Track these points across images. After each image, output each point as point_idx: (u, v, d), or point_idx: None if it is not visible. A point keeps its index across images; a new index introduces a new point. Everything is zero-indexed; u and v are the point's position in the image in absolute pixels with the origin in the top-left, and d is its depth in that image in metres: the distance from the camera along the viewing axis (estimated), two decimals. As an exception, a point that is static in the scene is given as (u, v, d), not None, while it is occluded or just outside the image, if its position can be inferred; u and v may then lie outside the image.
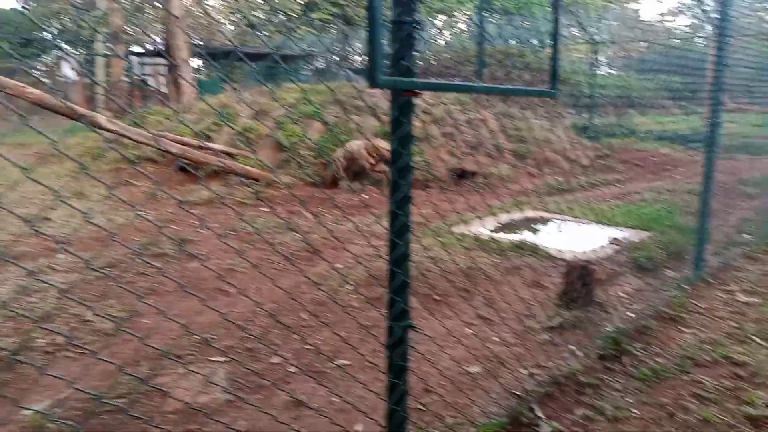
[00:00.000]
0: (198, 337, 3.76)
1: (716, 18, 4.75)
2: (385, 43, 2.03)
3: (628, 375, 3.40)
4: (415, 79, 1.89)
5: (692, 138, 5.10)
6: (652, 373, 3.37)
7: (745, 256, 5.64)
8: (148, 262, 2.12)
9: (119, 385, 3.21)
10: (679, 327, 4.07)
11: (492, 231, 6.19)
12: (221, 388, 3.19)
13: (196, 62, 24.75)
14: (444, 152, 10.21)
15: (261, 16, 33.07)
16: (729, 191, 5.88)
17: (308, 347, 3.72)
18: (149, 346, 2.10)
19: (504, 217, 6.76)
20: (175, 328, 3.96)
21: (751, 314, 4.22)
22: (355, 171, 9.04)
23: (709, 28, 4.89)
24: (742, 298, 4.58)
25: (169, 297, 4.49)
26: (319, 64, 31.86)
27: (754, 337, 3.82)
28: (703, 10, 4.97)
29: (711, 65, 4.96)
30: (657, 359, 3.59)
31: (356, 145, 8.91)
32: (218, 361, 3.55)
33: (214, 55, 22.44)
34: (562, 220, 6.71)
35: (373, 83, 1.61)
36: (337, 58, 28.27)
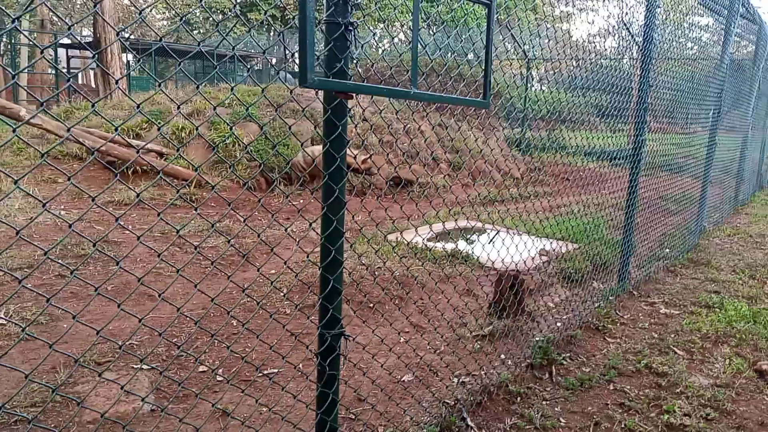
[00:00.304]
0: (121, 344, 3.58)
1: (641, 41, 4.96)
2: (322, 45, 2.00)
3: (555, 384, 3.46)
4: (347, 81, 1.85)
5: (618, 155, 5.29)
6: (578, 382, 3.45)
7: (666, 270, 5.89)
8: (63, 264, 1.99)
9: (34, 393, 3.01)
10: (605, 337, 4.19)
11: (427, 240, 6.22)
12: (144, 396, 3.04)
13: (127, 57, 23.91)
14: (382, 160, 10.23)
15: (197, 13, 32.33)
16: (651, 207, 6.13)
17: (237, 355, 3.60)
18: (59, 352, 1.96)
19: (439, 227, 6.80)
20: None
21: (671, 326, 4.40)
22: (314, 174, 8.99)
23: (635, 50, 5.09)
24: (663, 309, 4.77)
25: (94, 301, 4.26)
26: (257, 65, 31.44)
27: (674, 348, 3.98)
28: (630, 33, 5.17)
29: (636, 86, 5.16)
30: (583, 368, 3.67)
31: (318, 150, 8.83)
32: (142, 369, 3.39)
33: (147, 51, 21.76)
34: (494, 230, 6.82)
35: (304, 82, 1.57)
36: (275, 59, 27.96)
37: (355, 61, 2.08)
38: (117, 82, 1.66)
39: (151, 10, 32.32)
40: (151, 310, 2.50)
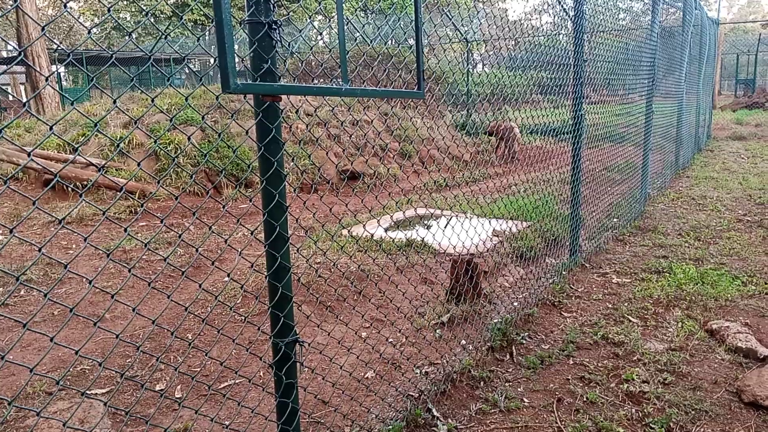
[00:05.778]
0: (75, 369, 3.44)
1: (573, 16, 5.00)
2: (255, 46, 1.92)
3: (517, 364, 3.49)
4: (273, 83, 1.79)
5: (561, 130, 5.35)
6: (539, 360, 3.48)
7: (616, 239, 6.01)
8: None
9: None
10: (561, 312, 4.25)
11: (382, 231, 6.19)
12: (100, 423, 2.93)
13: (58, 69, 23.04)
14: (332, 154, 10.14)
15: (128, 17, 31.42)
16: (597, 179, 6.24)
17: (196, 369, 3.51)
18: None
19: (392, 217, 6.79)
20: (47, 361, 3.62)
21: (624, 294, 4.49)
22: (502, 137, 12.08)
23: (569, 25, 5.14)
24: (615, 279, 4.87)
25: (41, 327, 4.10)
26: (194, 67, 30.79)
27: (628, 317, 4.06)
28: (563, 9, 5.22)
29: (572, 61, 5.21)
30: (543, 346, 3.71)
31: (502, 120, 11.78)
32: (97, 394, 3.26)
33: (77, 62, 20.98)
34: (448, 215, 6.84)
35: (227, 88, 1.48)
36: (213, 60, 27.42)
37: (286, 58, 2.02)
38: (25, 105, 1.55)
39: (79, 17, 31.19)
40: (90, 337, 2.39)
